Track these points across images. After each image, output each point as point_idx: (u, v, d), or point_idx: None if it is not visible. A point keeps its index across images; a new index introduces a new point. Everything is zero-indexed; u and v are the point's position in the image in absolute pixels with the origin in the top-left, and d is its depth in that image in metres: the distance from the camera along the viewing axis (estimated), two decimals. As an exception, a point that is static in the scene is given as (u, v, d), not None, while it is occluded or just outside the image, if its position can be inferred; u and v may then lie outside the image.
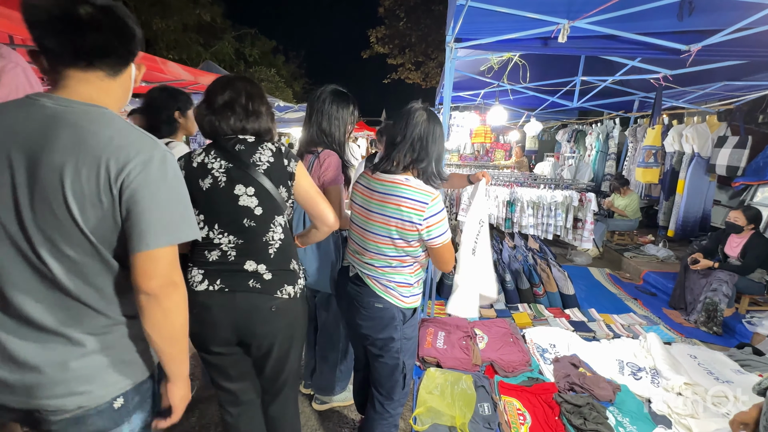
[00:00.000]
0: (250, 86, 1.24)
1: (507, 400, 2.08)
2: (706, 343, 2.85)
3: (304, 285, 1.33)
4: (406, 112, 1.34)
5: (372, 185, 1.37)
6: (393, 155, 1.33)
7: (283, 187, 1.21)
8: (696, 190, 4.89)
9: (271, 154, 1.19)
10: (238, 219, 1.17)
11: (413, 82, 16.09)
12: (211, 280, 1.17)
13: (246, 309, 1.19)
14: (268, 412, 1.42)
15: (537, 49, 2.76)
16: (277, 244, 1.22)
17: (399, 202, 1.27)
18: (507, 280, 3.50)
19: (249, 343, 1.24)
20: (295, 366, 1.38)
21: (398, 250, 1.33)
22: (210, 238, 1.18)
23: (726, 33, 2.49)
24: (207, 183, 1.16)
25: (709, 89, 4.53)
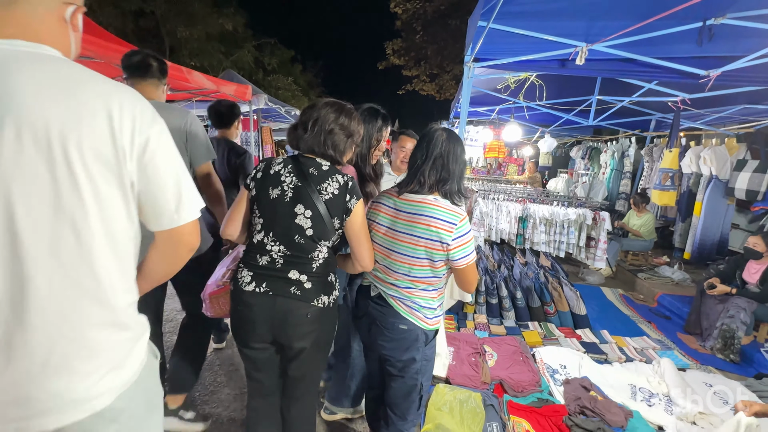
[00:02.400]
0: (336, 114, 1.34)
1: (516, 420, 2.06)
2: (722, 371, 2.78)
3: (337, 296, 1.41)
4: (426, 134, 1.39)
5: (399, 206, 1.39)
6: (418, 176, 1.37)
7: (337, 218, 1.31)
8: (714, 212, 4.81)
9: (338, 186, 1.30)
10: (291, 233, 1.28)
11: (427, 94, 16.25)
12: (258, 282, 1.30)
13: (284, 312, 1.30)
14: (288, 414, 1.48)
15: (554, 70, 2.80)
16: (320, 261, 1.33)
17: (428, 222, 1.30)
18: (518, 297, 3.48)
19: (282, 343, 1.35)
20: (318, 372, 1.48)
21: (424, 271, 1.35)
22: (264, 243, 1.30)
23: (747, 60, 2.49)
24: (275, 193, 1.29)
25: (727, 112, 4.49)
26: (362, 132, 1.46)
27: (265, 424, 1.52)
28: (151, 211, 0.81)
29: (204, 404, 2.16)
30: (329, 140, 1.33)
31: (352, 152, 1.45)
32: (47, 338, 0.70)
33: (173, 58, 11.38)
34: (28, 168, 0.65)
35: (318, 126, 1.32)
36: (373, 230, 1.45)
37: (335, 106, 1.36)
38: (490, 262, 4.30)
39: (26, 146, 0.65)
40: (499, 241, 4.61)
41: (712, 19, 2.28)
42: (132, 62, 1.74)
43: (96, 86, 0.72)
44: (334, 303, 1.39)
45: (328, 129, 1.32)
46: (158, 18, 12.12)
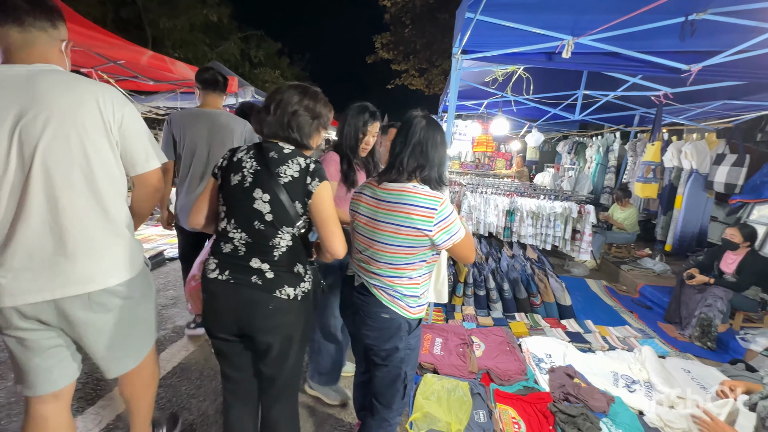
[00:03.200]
0: (300, 96, 1.31)
1: (502, 408, 2.10)
2: (700, 358, 2.88)
3: (309, 289, 1.36)
4: (405, 121, 1.38)
5: (378, 195, 1.38)
6: (396, 164, 1.36)
7: (299, 202, 1.27)
8: (694, 205, 4.94)
9: (297, 169, 1.26)
10: (251, 219, 1.26)
11: (416, 89, 16.21)
12: (222, 270, 1.28)
13: (246, 303, 1.27)
14: (267, 414, 1.43)
15: (541, 63, 2.82)
16: (283, 249, 1.28)
17: (408, 210, 1.29)
18: (505, 289, 3.53)
19: (249, 335, 1.31)
20: (294, 369, 1.41)
21: (406, 258, 1.34)
22: (227, 231, 1.29)
23: (726, 54, 2.55)
24: (236, 179, 1.27)
25: (708, 107, 4.60)
26: (331, 116, 1.42)
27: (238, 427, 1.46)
28: (129, 161, 1.30)
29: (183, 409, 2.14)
30: (293, 122, 1.30)
31: (319, 136, 1.40)
32: (74, 235, 1.17)
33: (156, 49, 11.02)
34: (55, 136, 1.12)
35: (281, 108, 1.29)
36: (355, 220, 1.45)
37: (299, 89, 1.33)
38: (478, 255, 4.34)
39: (52, 123, 1.11)
40: (487, 235, 4.65)
41: (694, 14, 2.33)
42: (206, 78, 2.39)
43: (86, 85, 1.19)
44: (304, 296, 1.33)
45: (292, 111, 1.29)
46: (140, 8, 11.75)
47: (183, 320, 2.99)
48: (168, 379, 2.27)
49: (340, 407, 2.12)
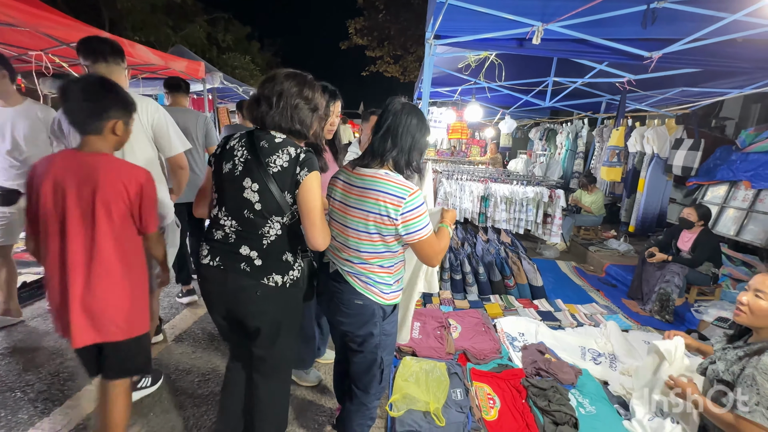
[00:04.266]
0: (300, 87, 1.29)
1: (478, 385, 2.18)
2: (659, 330, 3.08)
3: (298, 278, 1.37)
4: (384, 107, 1.36)
5: (351, 180, 1.36)
6: (370, 148, 1.34)
7: (288, 192, 1.27)
8: (655, 188, 5.22)
9: (287, 159, 1.25)
10: (240, 208, 1.27)
11: (392, 76, 16.07)
12: (213, 256, 1.32)
13: (235, 288, 1.30)
14: (256, 391, 1.47)
15: (513, 49, 2.85)
16: (272, 237, 1.30)
17: (377, 196, 1.27)
18: (480, 272, 3.63)
19: (238, 319, 1.36)
20: (284, 355, 1.46)
21: (376, 246, 1.32)
22: (218, 218, 1.32)
23: (684, 42, 2.67)
24: (227, 167, 1.28)
25: (668, 94, 4.83)
26: (324, 104, 1.42)
27: (233, 388, 1.55)
28: (161, 149, 1.99)
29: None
30: (296, 116, 1.29)
31: (318, 126, 1.42)
32: None
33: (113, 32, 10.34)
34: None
35: (283, 101, 1.27)
36: (330, 206, 1.44)
37: (297, 79, 1.30)
38: (454, 241, 4.43)
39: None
40: (463, 221, 4.75)
41: (655, 2, 2.41)
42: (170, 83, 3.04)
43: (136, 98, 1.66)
44: (292, 284, 1.35)
45: (294, 104, 1.28)
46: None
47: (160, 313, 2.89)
48: (141, 375, 2.21)
49: (321, 393, 2.14)
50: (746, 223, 4.25)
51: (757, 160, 4.32)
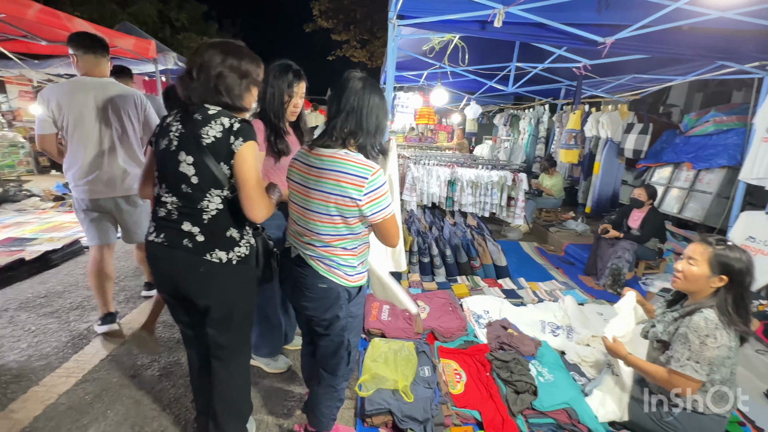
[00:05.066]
0: (223, 56, 1.22)
1: (445, 362, 2.25)
2: (611, 303, 3.30)
3: (246, 255, 1.35)
4: (340, 83, 1.28)
5: (310, 161, 1.31)
6: (329, 129, 1.28)
7: (224, 163, 1.23)
8: (609, 171, 5.52)
9: (221, 129, 1.21)
10: (178, 183, 1.25)
11: (359, 61, 15.78)
12: (158, 233, 1.31)
13: (179, 265, 1.29)
14: (216, 374, 1.45)
15: (475, 32, 2.87)
16: (212, 212, 1.27)
17: (338, 177, 1.23)
18: (447, 254, 3.71)
19: (187, 298, 1.34)
20: (238, 337, 1.45)
21: (338, 228, 1.29)
22: (160, 195, 1.30)
23: (633, 29, 2.80)
24: (163, 143, 1.27)
25: (621, 80, 5.08)
26: (261, 72, 1.33)
27: (196, 373, 1.55)
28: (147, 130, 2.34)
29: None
30: (221, 85, 1.23)
31: (251, 95, 1.32)
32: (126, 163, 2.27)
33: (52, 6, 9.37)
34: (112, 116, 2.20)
35: (204, 72, 1.21)
36: (290, 189, 1.39)
37: (220, 47, 1.23)
38: (422, 225, 4.48)
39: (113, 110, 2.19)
40: (430, 205, 4.81)
41: (608, -12, 2.50)
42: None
43: (129, 90, 2.27)
44: (240, 261, 1.33)
45: (216, 73, 1.22)
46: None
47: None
48: (96, 372, 2.09)
49: (290, 379, 2.13)
50: (687, 201, 4.61)
51: (697, 143, 4.67)
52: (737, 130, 4.26)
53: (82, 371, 2.08)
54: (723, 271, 1.52)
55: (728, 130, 4.38)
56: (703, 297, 1.58)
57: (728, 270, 1.51)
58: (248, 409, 1.62)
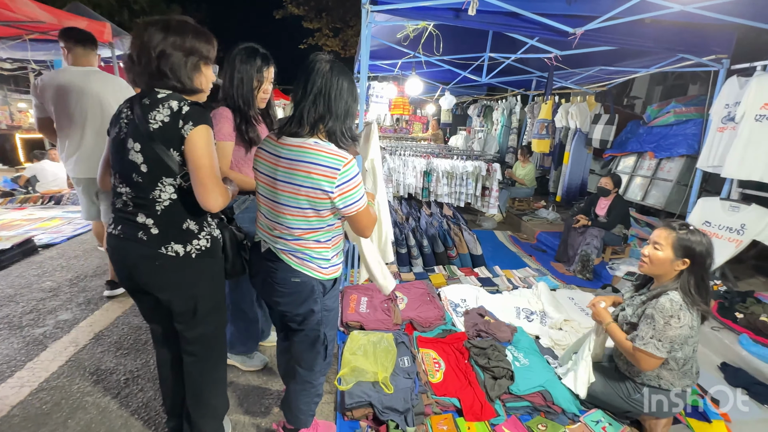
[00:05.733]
0: (163, 33, 1.12)
1: (424, 351, 2.26)
2: (581, 287, 3.44)
3: (208, 248, 1.29)
4: (306, 66, 1.20)
5: (278, 151, 1.22)
6: (296, 115, 1.20)
7: (175, 150, 1.16)
8: (577, 160, 5.70)
9: (169, 113, 1.13)
10: (129, 172, 1.18)
11: (331, 50, 15.43)
12: (116, 225, 1.25)
13: (135, 258, 1.24)
14: (188, 372, 1.41)
15: (449, 20, 2.84)
16: (165, 203, 1.21)
17: (309, 169, 1.16)
18: (424, 245, 3.72)
19: (146, 291, 1.29)
20: (209, 328, 1.39)
21: (310, 221, 1.24)
22: (115, 186, 1.25)
23: (602, 20, 2.85)
24: (114, 132, 1.22)
25: (590, 72, 5.22)
26: (212, 48, 1.23)
27: (167, 372, 1.50)
28: None
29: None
30: (164, 66, 1.13)
31: (204, 75, 1.22)
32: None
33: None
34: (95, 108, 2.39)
35: (145, 54, 1.12)
36: (258, 181, 1.32)
37: (160, 24, 1.14)
38: (399, 216, 4.48)
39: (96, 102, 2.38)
40: (407, 196, 4.81)
41: (578, -21, 2.53)
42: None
43: (115, 79, 2.52)
44: (201, 255, 1.27)
45: (157, 53, 1.12)
46: None
47: (67, 313, 2.56)
48: (54, 380, 1.95)
49: (267, 376, 2.07)
50: (650, 189, 4.84)
51: (659, 133, 4.89)
52: (695, 121, 4.49)
53: (37, 379, 1.94)
54: (686, 255, 1.59)
55: (687, 121, 4.60)
56: (668, 280, 1.66)
57: (691, 253, 1.58)
58: (224, 407, 1.56)
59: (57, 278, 3.05)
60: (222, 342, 1.48)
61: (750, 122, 2.87)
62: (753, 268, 3.72)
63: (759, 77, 2.87)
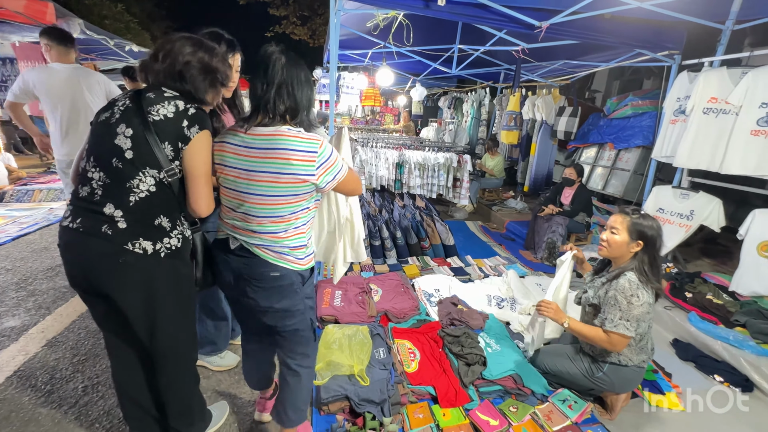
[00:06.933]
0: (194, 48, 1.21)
1: (399, 342, 2.28)
2: (548, 274, 3.58)
3: (178, 248, 1.23)
4: (263, 58, 1.20)
5: (249, 142, 1.20)
6: (262, 107, 1.20)
7: (169, 144, 1.16)
8: (544, 152, 5.91)
9: (174, 110, 1.16)
10: (109, 156, 1.14)
11: (299, 39, 15.02)
12: (75, 217, 1.16)
13: (94, 255, 1.15)
14: (157, 383, 1.34)
15: (419, 10, 2.82)
16: (141, 194, 1.15)
17: (287, 155, 1.17)
18: (398, 236, 3.74)
19: (104, 294, 1.18)
20: (174, 336, 1.29)
21: (290, 208, 1.24)
22: (86, 170, 1.17)
23: (565, 14, 2.93)
24: (104, 116, 1.18)
25: (555, 65, 5.39)
26: (231, 76, 1.32)
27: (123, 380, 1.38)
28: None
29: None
30: (185, 72, 1.19)
31: (217, 93, 1.30)
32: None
33: None
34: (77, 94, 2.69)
35: (171, 57, 1.19)
36: (221, 175, 1.26)
37: (194, 40, 1.23)
38: (372, 208, 4.46)
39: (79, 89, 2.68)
40: (379, 188, 4.80)
41: (543, -28, 2.58)
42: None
43: (95, 74, 2.81)
44: (170, 255, 1.21)
45: (184, 60, 1.19)
46: None
47: (14, 320, 2.36)
48: (1, 393, 1.80)
49: (239, 375, 2.00)
50: (610, 178, 5.10)
51: (618, 125, 5.14)
52: (651, 113, 4.75)
53: (-18, 393, 1.78)
54: (639, 237, 1.72)
55: (643, 113, 4.87)
56: (624, 262, 1.77)
57: (643, 236, 1.71)
58: (199, 418, 1.50)
59: (1, 282, 2.80)
60: (191, 345, 1.40)
61: (698, 115, 3.07)
62: (700, 251, 4.03)
63: (706, 73, 3.07)
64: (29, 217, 4.24)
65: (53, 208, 4.59)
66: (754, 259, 2.71)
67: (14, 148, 7.90)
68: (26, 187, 5.18)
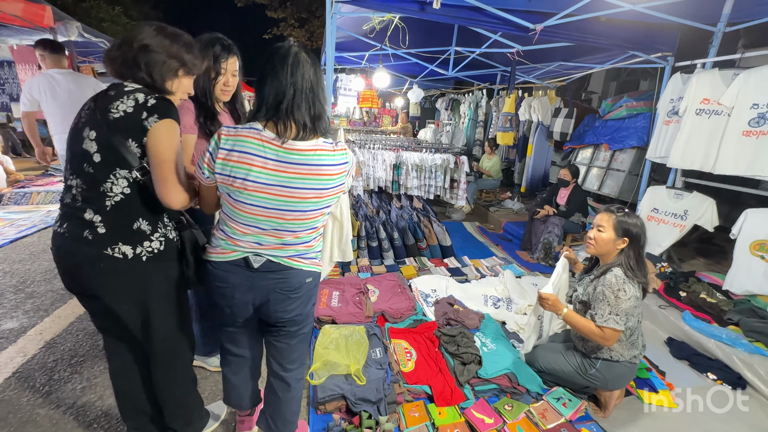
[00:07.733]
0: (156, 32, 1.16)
1: (396, 342, 2.29)
2: (544, 274, 3.61)
3: (161, 250, 1.22)
4: (284, 55, 1.08)
5: (284, 157, 1.09)
6: (287, 112, 1.08)
7: (133, 141, 1.12)
8: (540, 152, 5.94)
9: (133, 104, 1.11)
10: (81, 162, 1.14)
11: (298, 41, 15.04)
12: (62, 222, 1.19)
13: (79, 260, 1.17)
14: (154, 379, 1.37)
15: (415, 13, 2.85)
16: (117, 198, 1.15)
17: (329, 171, 1.14)
18: (395, 237, 3.76)
19: (94, 296, 1.22)
20: (169, 336, 1.32)
21: (324, 216, 1.26)
22: (66, 179, 1.19)
23: (560, 16, 2.97)
24: (74, 122, 1.18)
25: (550, 67, 5.43)
26: (195, 62, 1.24)
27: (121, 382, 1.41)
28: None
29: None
30: (140, 58, 1.13)
31: (180, 82, 1.23)
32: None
33: None
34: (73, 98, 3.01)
35: (128, 43, 1.14)
36: (249, 191, 1.10)
37: (157, 26, 1.18)
38: (370, 209, 4.49)
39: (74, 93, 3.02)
40: (377, 189, 4.82)
41: (537, -24, 2.61)
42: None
43: (88, 77, 3.25)
44: (153, 257, 1.19)
45: (140, 45, 1.13)
46: None
47: (12, 322, 2.37)
48: (1, 393, 1.81)
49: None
50: (605, 179, 5.13)
51: (613, 126, 5.18)
52: (645, 114, 4.79)
53: (-20, 394, 1.79)
54: (624, 234, 1.77)
55: (638, 114, 4.91)
56: (611, 258, 1.81)
57: (628, 233, 1.76)
58: (197, 418, 1.51)
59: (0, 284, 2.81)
60: (184, 345, 1.40)
61: (691, 116, 3.11)
62: (694, 251, 4.07)
63: (699, 74, 3.11)
64: (27, 219, 4.24)
65: (51, 211, 4.59)
66: (746, 258, 2.74)
67: (12, 150, 7.90)
68: (24, 189, 5.18)
